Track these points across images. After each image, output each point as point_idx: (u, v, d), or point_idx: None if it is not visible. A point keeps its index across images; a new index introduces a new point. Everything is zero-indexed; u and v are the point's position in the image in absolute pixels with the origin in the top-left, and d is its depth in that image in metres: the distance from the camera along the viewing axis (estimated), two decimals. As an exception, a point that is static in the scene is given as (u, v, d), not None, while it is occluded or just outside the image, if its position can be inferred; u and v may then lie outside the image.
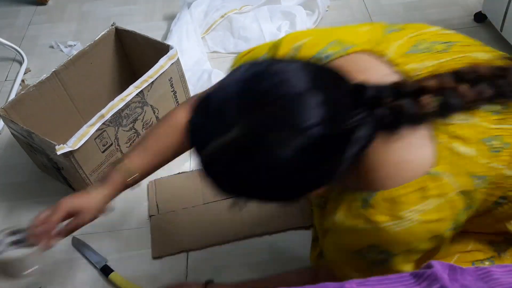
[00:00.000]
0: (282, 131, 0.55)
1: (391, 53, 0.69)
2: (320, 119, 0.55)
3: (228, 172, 0.59)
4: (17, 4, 1.99)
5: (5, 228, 0.87)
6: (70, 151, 1.07)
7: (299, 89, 0.56)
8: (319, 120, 0.55)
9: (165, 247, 1.13)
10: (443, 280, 0.49)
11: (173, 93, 1.31)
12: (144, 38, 1.31)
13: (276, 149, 0.56)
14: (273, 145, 0.55)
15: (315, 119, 0.55)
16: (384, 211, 0.63)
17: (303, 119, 0.55)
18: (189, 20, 1.66)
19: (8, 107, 1.17)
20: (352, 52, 0.70)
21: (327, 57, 0.70)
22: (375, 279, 0.52)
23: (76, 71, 1.29)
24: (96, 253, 1.14)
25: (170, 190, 1.25)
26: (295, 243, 1.11)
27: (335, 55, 0.70)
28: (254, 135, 0.56)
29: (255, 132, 0.55)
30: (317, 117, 0.55)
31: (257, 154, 0.56)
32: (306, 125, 0.55)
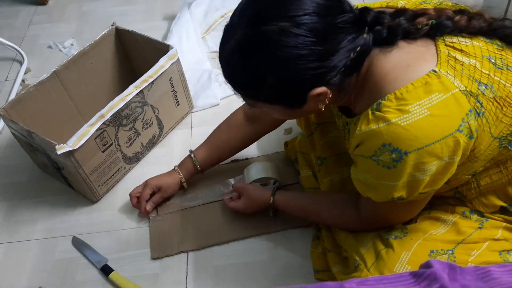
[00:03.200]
0: (278, 20, 0.67)
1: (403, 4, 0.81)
2: (312, 11, 0.67)
3: (237, 69, 0.74)
4: (17, 4, 1.99)
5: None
6: (70, 150, 1.07)
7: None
8: (311, 11, 0.67)
9: (164, 248, 1.13)
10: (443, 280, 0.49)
11: (173, 93, 1.31)
12: (144, 38, 1.31)
13: (275, 38, 0.67)
14: (272, 34, 0.67)
15: (308, 10, 0.67)
16: (392, 109, 0.69)
17: (296, 9, 0.67)
18: (189, 20, 1.66)
19: (9, 107, 1.17)
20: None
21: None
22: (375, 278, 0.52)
23: (76, 71, 1.29)
24: (96, 252, 1.14)
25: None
26: (295, 242, 1.11)
27: None
28: (254, 30, 0.69)
29: (254, 27, 0.69)
30: (310, 9, 0.67)
31: (259, 46, 0.69)
32: (298, 13, 0.66)
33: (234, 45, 0.72)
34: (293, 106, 0.76)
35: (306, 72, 0.69)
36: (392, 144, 0.69)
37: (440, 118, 0.68)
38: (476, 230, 0.83)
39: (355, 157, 0.78)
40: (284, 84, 0.72)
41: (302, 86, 0.72)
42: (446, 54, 0.71)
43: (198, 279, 1.08)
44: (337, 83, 0.72)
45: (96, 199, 1.24)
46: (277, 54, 0.68)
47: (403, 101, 0.69)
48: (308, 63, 0.68)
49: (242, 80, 0.76)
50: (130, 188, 1.27)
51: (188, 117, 1.43)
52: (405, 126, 0.68)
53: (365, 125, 0.72)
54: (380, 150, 0.71)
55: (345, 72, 0.72)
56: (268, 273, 1.07)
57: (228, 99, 1.47)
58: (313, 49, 0.67)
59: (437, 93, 0.68)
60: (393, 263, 0.81)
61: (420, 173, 0.71)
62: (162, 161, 1.32)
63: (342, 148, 1.10)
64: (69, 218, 1.22)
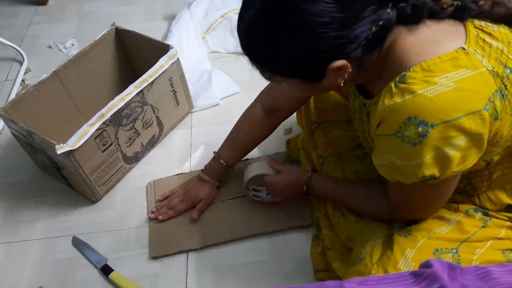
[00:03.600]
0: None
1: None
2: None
3: (256, 40, 0.71)
4: (18, 4, 1.99)
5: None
6: (70, 150, 1.07)
7: None
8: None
9: (163, 247, 1.13)
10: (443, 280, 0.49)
11: (173, 93, 1.31)
12: (144, 38, 1.31)
13: (296, 5, 0.65)
14: (293, 1, 0.65)
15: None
16: (418, 80, 0.67)
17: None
18: (189, 20, 1.66)
19: (9, 107, 1.17)
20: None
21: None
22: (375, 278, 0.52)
23: (76, 71, 1.29)
24: (96, 252, 1.14)
25: (169, 190, 1.24)
26: (295, 242, 1.11)
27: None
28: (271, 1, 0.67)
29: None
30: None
31: (279, 15, 0.67)
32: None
33: (253, 14, 0.70)
34: (312, 80, 0.74)
35: (326, 41, 0.67)
36: (418, 117, 0.67)
37: (467, 93, 0.66)
38: (480, 229, 0.83)
39: (377, 139, 0.76)
40: (303, 55, 0.70)
41: (322, 57, 0.70)
42: (475, 35, 0.71)
43: (198, 279, 1.08)
44: (357, 57, 0.70)
45: (96, 199, 1.24)
46: (297, 22, 0.66)
47: (429, 72, 0.67)
48: (329, 32, 0.66)
49: (260, 52, 0.73)
50: (130, 188, 1.27)
51: (188, 117, 1.43)
52: (432, 97, 0.66)
53: (388, 98, 0.70)
54: (404, 125, 0.68)
55: (366, 46, 0.69)
56: (268, 273, 1.07)
57: (228, 99, 1.47)
58: (334, 16, 0.65)
59: (465, 69, 0.67)
60: (398, 259, 0.81)
61: (448, 148, 0.68)
62: (162, 161, 1.33)
63: (343, 147, 1.10)
64: (69, 218, 1.22)
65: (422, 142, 0.68)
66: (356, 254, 0.89)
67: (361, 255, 0.86)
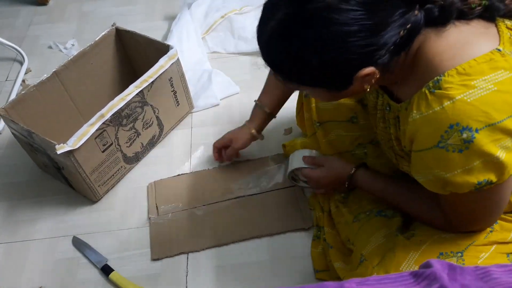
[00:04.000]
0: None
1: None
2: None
3: (278, 52, 0.69)
4: (18, 4, 1.99)
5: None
6: (70, 150, 1.07)
7: None
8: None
9: (164, 249, 1.13)
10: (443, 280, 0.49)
11: (173, 93, 1.31)
12: (144, 38, 1.31)
13: (323, 16, 0.63)
14: (320, 11, 0.63)
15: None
16: (456, 85, 0.65)
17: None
18: (189, 20, 1.66)
19: (9, 107, 1.17)
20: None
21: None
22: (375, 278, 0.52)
23: (76, 71, 1.29)
24: (96, 252, 1.14)
25: (170, 191, 1.24)
26: (295, 242, 1.11)
27: None
28: (298, 8, 0.64)
29: (299, 5, 0.64)
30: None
31: (304, 26, 0.64)
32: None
33: (275, 26, 0.67)
34: (338, 88, 0.72)
35: (355, 50, 0.65)
36: (460, 124, 0.64)
37: (508, 95, 0.64)
38: (487, 234, 0.81)
39: (415, 155, 0.72)
40: (330, 66, 0.67)
41: (350, 67, 0.67)
42: (509, 36, 0.68)
43: (198, 279, 1.08)
44: (384, 63, 0.68)
45: (96, 199, 1.24)
46: (324, 33, 0.64)
47: (466, 76, 0.64)
48: (358, 41, 0.64)
49: (283, 64, 0.71)
50: (130, 188, 1.27)
51: (188, 117, 1.43)
52: (472, 102, 0.63)
53: (426, 107, 0.66)
54: (447, 133, 0.65)
55: (394, 50, 0.67)
56: (268, 273, 1.07)
57: (228, 99, 1.47)
58: (363, 24, 0.63)
59: (503, 70, 0.64)
60: (400, 262, 0.81)
61: (498, 151, 0.65)
62: (162, 161, 1.33)
63: (344, 147, 1.10)
64: (69, 218, 1.22)
65: (469, 147, 0.65)
66: (356, 256, 0.89)
67: (361, 258, 0.86)
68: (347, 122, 1.07)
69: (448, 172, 0.69)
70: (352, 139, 1.08)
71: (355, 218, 0.98)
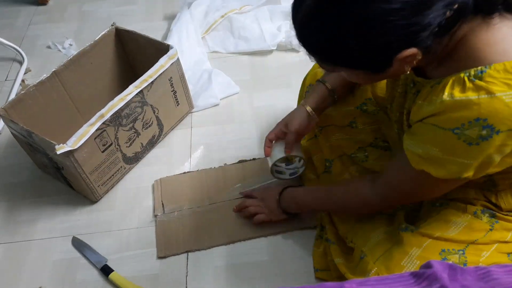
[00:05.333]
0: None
1: None
2: None
3: (314, 32, 0.65)
4: (18, 4, 1.99)
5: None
6: (70, 150, 1.07)
7: None
8: None
9: (170, 246, 1.13)
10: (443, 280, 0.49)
11: (173, 93, 1.31)
12: (144, 38, 1.31)
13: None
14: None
15: None
16: (499, 81, 0.62)
17: None
18: (189, 20, 1.66)
19: (8, 107, 1.17)
20: None
21: None
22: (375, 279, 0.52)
23: (76, 71, 1.29)
24: (96, 253, 1.13)
25: (176, 189, 1.24)
26: (295, 242, 1.11)
27: None
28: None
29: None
30: None
31: (342, 4, 0.61)
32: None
33: (310, 3, 0.63)
34: (377, 70, 0.69)
35: (396, 31, 0.61)
36: (487, 120, 0.62)
37: None
38: (487, 232, 0.82)
39: (423, 126, 0.70)
40: (369, 48, 0.64)
41: (390, 48, 0.63)
42: None
43: (198, 279, 1.08)
44: (427, 45, 0.64)
45: (96, 199, 1.24)
46: (363, 11, 0.60)
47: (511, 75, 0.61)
48: (400, 20, 0.60)
49: (319, 45, 0.67)
50: (130, 188, 1.27)
51: (188, 117, 1.43)
52: (509, 103, 0.61)
53: (460, 92, 0.64)
54: (470, 124, 0.63)
55: (439, 32, 0.63)
56: (268, 273, 1.07)
57: (228, 99, 1.47)
58: (406, 1, 0.58)
59: None
60: (402, 257, 0.81)
61: (497, 155, 0.65)
62: (162, 161, 1.32)
63: (345, 150, 1.11)
64: (69, 218, 1.22)
65: (479, 144, 0.64)
66: (357, 252, 0.89)
67: (362, 254, 0.86)
68: (347, 127, 1.08)
69: (445, 154, 0.68)
70: (352, 143, 1.09)
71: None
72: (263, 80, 1.50)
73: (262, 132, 1.36)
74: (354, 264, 0.89)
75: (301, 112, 1.02)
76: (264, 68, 1.54)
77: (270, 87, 1.48)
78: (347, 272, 0.89)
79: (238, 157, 1.30)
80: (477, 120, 0.63)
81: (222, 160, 1.30)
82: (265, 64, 1.56)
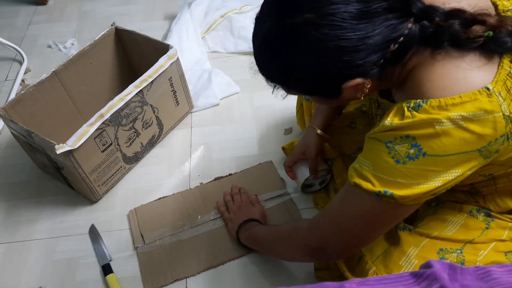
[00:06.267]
0: (304, 11, 0.63)
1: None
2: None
3: (266, 62, 0.72)
4: (17, 4, 1.99)
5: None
6: (69, 150, 1.07)
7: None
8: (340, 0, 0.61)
9: (158, 278, 1.07)
10: (443, 280, 0.49)
11: (173, 93, 1.31)
12: (144, 38, 1.31)
13: (300, 31, 0.63)
14: (297, 27, 0.63)
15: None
16: (433, 113, 0.64)
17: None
18: (189, 19, 1.66)
19: (8, 107, 1.17)
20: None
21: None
22: (375, 278, 0.52)
23: (76, 71, 1.29)
24: (105, 248, 1.13)
25: (153, 217, 1.17)
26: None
27: None
28: (278, 22, 0.65)
29: (279, 19, 0.65)
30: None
31: (283, 40, 0.66)
32: (325, 3, 0.62)
33: (261, 38, 0.69)
34: (329, 97, 0.72)
35: (336, 65, 0.64)
36: (416, 139, 0.65)
37: (472, 136, 0.64)
38: (483, 231, 0.83)
39: (368, 140, 0.73)
40: (313, 78, 0.68)
41: (333, 79, 0.67)
42: (507, 73, 0.66)
43: (198, 278, 1.08)
44: (376, 75, 0.67)
45: (96, 199, 1.24)
46: (304, 48, 0.64)
47: (445, 111, 0.64)
48: (338, 56, 0.63)
49: (271, 73, 0.73)
50: (130, 188, 1.27)
51: (188, 117, 1.43)
52: (438, 130, 0.64)
53: (399, 120, 0.66)
54: (401, 139, 0.66)
55: (386, 64, 0.66)
56: (268, 273, 1.07)
57: (228, 99, 1.47)
58: (343, 39, 0.62)
59: (482, 112, 0.63)
60: (400, 256, 0.81)
61: (424, 180, 0.66)
62: (162, 161, 1.32)
63: (345, 150, 1.12)
64: (69, 218, 1.22)
65: (406, 163, 0.66)
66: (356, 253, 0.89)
67: (361, 254, 0.87)
68: (347, 127, 1.09)
69: (373, 169, 0.69)
70: (352, 143, 1.10)
71: None
72: (263, 80, 1.50)
73: (262, 132, 1.36)
74: (353, 263, 0.89)
75: (314, 137, 1.07)
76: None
77: (270, 87, 1.47)
78: (346, 271, 0.89)
79: (238, 157, 1.30)
80: (407, 137, 0.65)
81: (222, 159, 1.30)
82: (265, 64, 1.56)
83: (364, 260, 0.85)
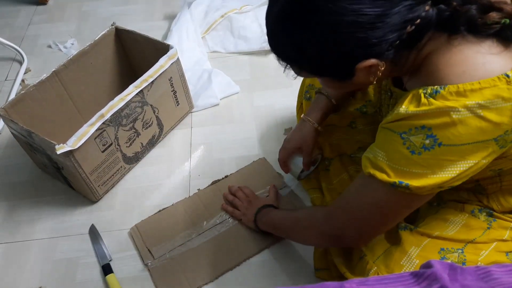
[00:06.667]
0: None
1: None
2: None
3: (279, 39, 0.70)
4: (17, 4, 1.99)
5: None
6: (70, 150, 1.07)
7: None
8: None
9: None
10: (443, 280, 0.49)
11: (173, 93, 1.31)
12: (144, 38, 1.31)
13: (316, 4, 0.62)
14: (312, 2, 0.62)
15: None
16: (450, 100, 0.63)
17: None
18: (189, 19, 1.66)
19: (8, 107, 1.17)
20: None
21: None
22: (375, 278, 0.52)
23: (76, 70, 1.29)
24: (105, 248, 1.13)
25: (157, 231, 1.15)
26: (295, 243, 1.11)
27: None
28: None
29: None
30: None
31: (298, 14, 0.64)
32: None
33: (275, 13, 0.67)
34: (342, 78, 0.71)
35: (352, 42, 0.63)
36: (432, 129, 0.64)
37: (489, 124, 0.63)
38: (485, 231, 0.83)
39: (381, 130, 0.72)
40: (326, 57, 0.66)
41: (347, 58, 0.66)
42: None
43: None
44: (391, 57, 0.66)
45: (96, 199, 1.24)
46: (320, 22, 0.62)
47: (464, 98, 0.63)
48: (354, 33, 0.62)
49: (284, 51, 0.71)
50: (130, 188, 1.27)
51: (188, 117, 1.43)
52: (453, 118, 0.63)
53: (415, 107, 0.65)
54: (416, 130, 0.65)
55: (401, 46, 0.65)
56: (268, 273, 1.07)
57: (228, 99, 1.47)
58: (361, 14, 0.60)
59: (500, 99, 0.63)
60: (401, 256, 0.81)
61: (439, 169, 0.66)
62: (162, 161, 1.32)
63: (344, 150, 1.11)
64: (69, 218, 1.22)
65: (421, 154, 0.66)
66: (356, 252, 0.89)
67: (361, 254, 0.87)
68: (347, 127, 1.09)
69: (387, 160, 0.69)
70: (352, 143, 1.09)
71: None
72: (263, 80, 1.50)
73: (262, 132, 1.36)
74: (353, 263, 0.89)
75: (310, 130, 1.05)
76: (264, 68, 1.54)
77: (270, 87, 1.48)
78: (346, 272, 0.89)
79: (238, 157, 1.30)
80: (423, 128, 0.65)
81: (222, 159, 1.30)
82: (265, 64, 1.56)
83: (365, 260, 0.85)
